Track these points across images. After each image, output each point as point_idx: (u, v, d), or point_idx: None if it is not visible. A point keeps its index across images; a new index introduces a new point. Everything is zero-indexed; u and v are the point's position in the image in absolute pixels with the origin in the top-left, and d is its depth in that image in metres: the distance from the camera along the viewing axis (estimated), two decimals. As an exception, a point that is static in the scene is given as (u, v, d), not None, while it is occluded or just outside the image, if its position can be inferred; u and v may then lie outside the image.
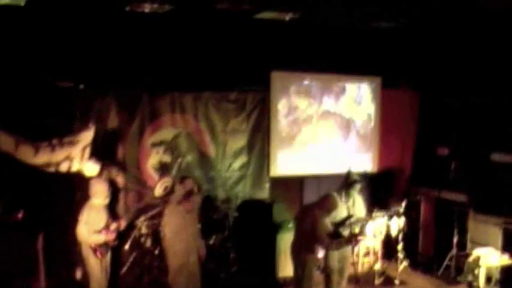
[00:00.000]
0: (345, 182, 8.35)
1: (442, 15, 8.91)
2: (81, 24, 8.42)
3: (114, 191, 9.07)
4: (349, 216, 8.11)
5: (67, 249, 7.52)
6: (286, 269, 9.34)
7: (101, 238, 7.44)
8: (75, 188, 8.32)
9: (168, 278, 7.76)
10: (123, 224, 7.93)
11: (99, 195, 7.59)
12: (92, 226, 7.38)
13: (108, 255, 7.65)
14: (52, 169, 7.99)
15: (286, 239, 9.18)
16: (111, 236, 7.57)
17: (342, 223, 8.06)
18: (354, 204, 8.31)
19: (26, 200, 8.02)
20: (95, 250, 7.41)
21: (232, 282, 9.39)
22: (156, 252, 9.02)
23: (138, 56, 9.07)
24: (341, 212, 8.11)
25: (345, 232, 8.07)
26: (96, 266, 7.44)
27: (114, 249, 8.16)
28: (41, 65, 8.36)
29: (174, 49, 9.32)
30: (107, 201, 7.68)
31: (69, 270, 8.62)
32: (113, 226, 7.67)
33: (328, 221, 7.67)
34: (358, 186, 8.33)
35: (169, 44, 9.20)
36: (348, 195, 8.25)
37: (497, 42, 9.40)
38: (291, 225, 9.41)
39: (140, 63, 9.13)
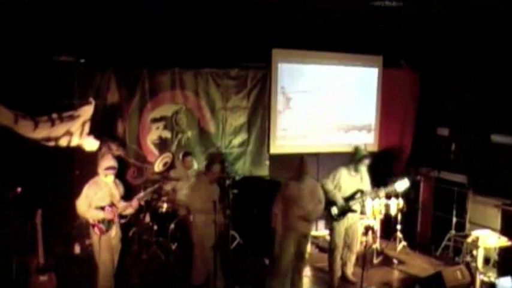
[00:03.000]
0: (354, 158, 8.34)
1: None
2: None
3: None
4: (358, 191, 8.25)
5: (66, 224, 7.48)
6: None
7: (99, 215, 7.21)
8: (75, 163, 8.29)
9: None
10: (134, 204, 7.54)
11: (101, 171, 7.30)
12: (92, 201, 7.19)
13: (114, 233, 7.39)
14: (51, 144, 7.98)
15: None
16: (109, 215, 7.26)
17: (351, 197, 8.22)
18: (362, 180, 8.36)
19: (25, 175, 7.98)
20: (93, 226, 7.23)
21: (232, 259, 9.40)
22: (155, 228, 9.06)
23: (139, 31, 8.98)
24: (351, 187, 8.25)
25: (355, 206, 8.24)
26: (96, 242, 7.28)
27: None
28: (41, 39, 8.27)
29: (175, 25, 9.21)
30: (109, 178, 7.34)
31: (68, 245, 8.63)
32: (121, 205, 7.43)
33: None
34: (366, 162, 8.31)
35: (170, 19, 9.08)
36: (356, 170, 8.28)
37: (499, 24, 9.31)
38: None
39: (140, 39, 9.06)
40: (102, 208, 7.21)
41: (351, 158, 8.39)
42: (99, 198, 7.22)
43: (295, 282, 7.90)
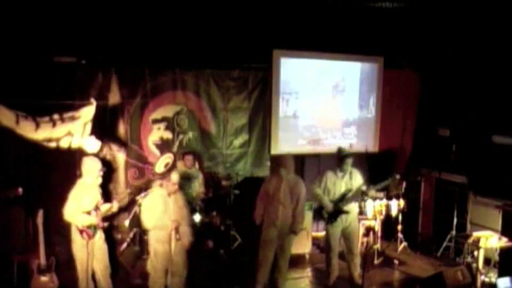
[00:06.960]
0: (337, 159, 8.38)
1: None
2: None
3: (112, 169, 9.14)
4: (347, 191, 8.27)
5: (67, 225, 7.47)
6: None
7: (89, 219, 7.18)
8: (76, 164, 8.27)
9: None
10: (115, 206, 7.58)
11: (91, 174, 7.31)
12: (81, 206, 7.17)
13: (99, 237, 7.37)
14: (53, 145, 7.94)
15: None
16: (96, 219, 7.25)
17: (341, 199, 8.24)
18: (352, 178, 8.37)
19: (26, 175, 7.99)
20: (81, 231, 7.18)
21: (232, 260, 9.41)
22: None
23: (140, 31, 8.97)
24: (339, 188, 8.28)
25: (346, 207, 8.23)
26: (82, 248, 7.22)
27: (114, 226, 8.16)
28: (42, 40, 8.27)
29: (176, 25, 9.23)
30: (98, 180, 7.39)
31: (69, 246, 8.63)
32: (104, 207, 7.41)
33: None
34: (349, 160, 8.30)
35: (171, 20, 9.10)
36: (342, 170, 8.30)
37: (500, 24, 9.31)
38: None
39: (142, 39, 9.05)
40: (88, 212, 7.20)
41: (335, 161, 8.44)
42: (86, 202, 7.21)
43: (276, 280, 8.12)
